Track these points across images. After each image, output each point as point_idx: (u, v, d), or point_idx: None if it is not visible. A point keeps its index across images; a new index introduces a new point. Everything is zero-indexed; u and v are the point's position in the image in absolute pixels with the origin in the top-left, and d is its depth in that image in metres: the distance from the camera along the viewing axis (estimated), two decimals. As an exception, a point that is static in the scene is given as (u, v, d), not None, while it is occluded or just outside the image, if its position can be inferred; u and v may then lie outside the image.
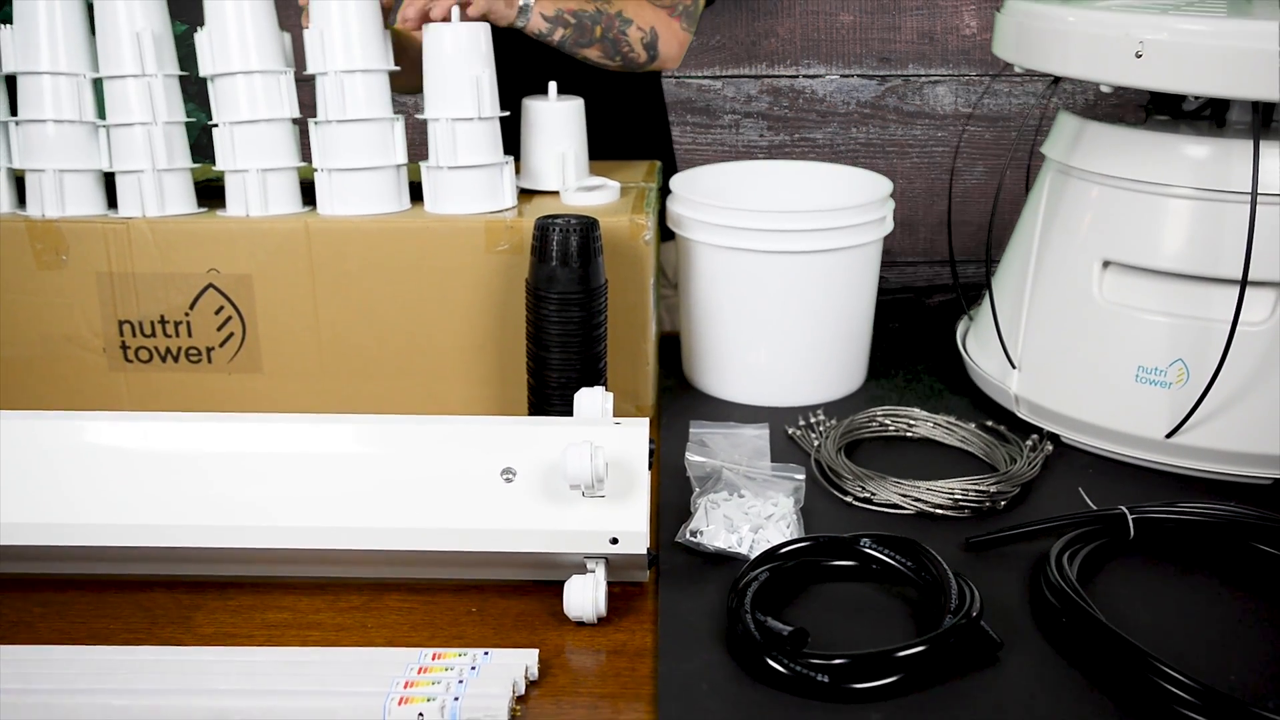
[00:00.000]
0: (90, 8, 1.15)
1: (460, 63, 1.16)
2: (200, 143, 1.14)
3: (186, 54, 1.17)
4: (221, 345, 1.19)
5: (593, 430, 0.93)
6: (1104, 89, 1.10)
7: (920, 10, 2.34)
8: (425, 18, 1.17)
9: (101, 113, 1.17)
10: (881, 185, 1.30)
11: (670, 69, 1.49)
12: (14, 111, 1.17)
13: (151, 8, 1.15)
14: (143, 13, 1.14)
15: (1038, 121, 1.24)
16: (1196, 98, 1.19)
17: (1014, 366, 1.21)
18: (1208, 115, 1.20)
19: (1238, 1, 1.15)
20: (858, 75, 2.38)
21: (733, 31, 2.35)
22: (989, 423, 1.21)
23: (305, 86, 1.18)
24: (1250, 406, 1.07)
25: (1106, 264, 1.14)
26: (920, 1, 2.34)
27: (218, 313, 1.18)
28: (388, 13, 1.20)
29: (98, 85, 1.17)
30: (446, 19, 1.16)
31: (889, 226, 1.28)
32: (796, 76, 2.37)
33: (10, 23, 1.14)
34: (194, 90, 1.13)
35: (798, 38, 2.36)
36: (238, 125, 1.16)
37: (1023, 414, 1.22)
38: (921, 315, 2.49)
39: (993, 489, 1.06)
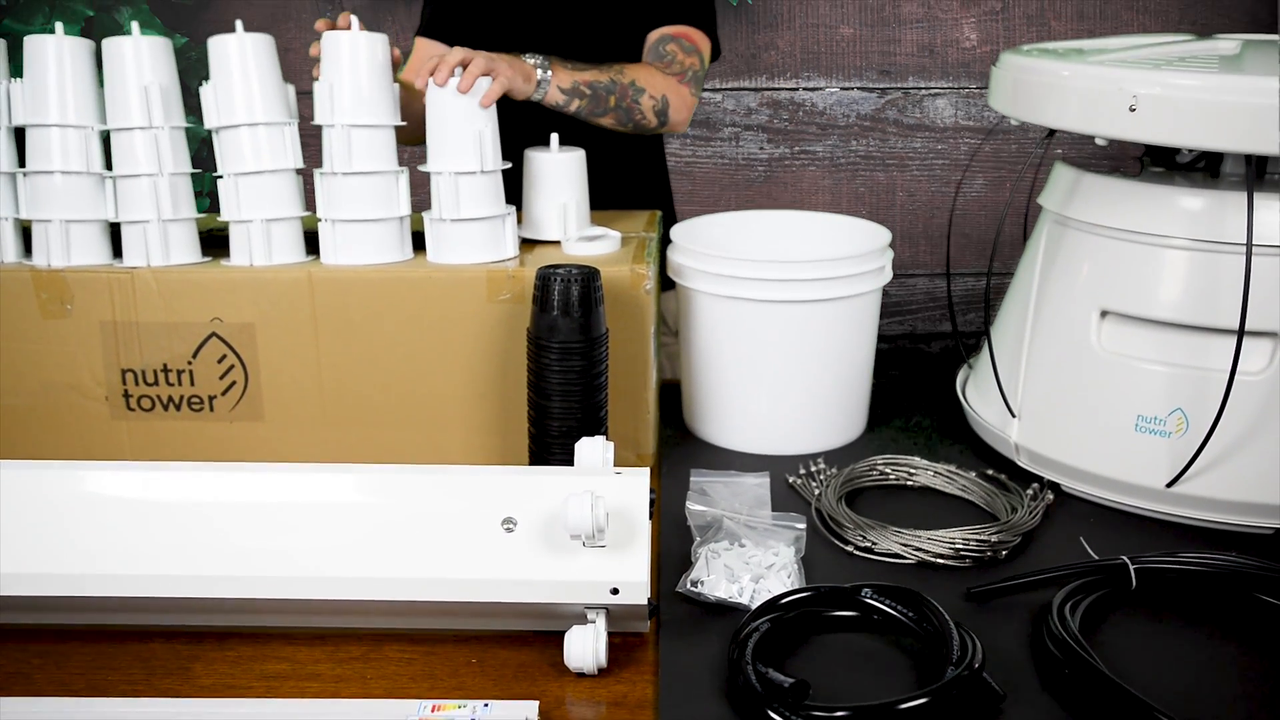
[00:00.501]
0: (99, 61, 1.17)
1: (463, 117, 1.18)
2: (200, 154, 1.15)
3: (185, 67, 1.19)
4: (224, 394, 1.19)
5: (593, 480, 0.93)
6: (1099, 142, 1.11)
7: (920, 23, 2.37)
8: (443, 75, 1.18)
9: (108, 163, 1.18)
10: (880, 235, 1.31)
11: (680, 132, 1.52)
12: (22, 163, 1.18)
13: (159, 61, 1.16)
14: (151, 66, 1.16)
15: (1034, 170, 1.25)
16: (1190, 150, 1.20)
17: (1014, 415, 1.22)
18: (1202, 167, 1.21)
19: (1228, 57, 1.17)
20: (858, 88, 2.40)
21: (733, 44, 2.37)
22: (989, 471, 1.21)
23: (308, 132, 1.20)
24: (1250, 456, 1.07)
25: (1104, 314, 1.15)
26: (920, 14, 2.37)
27: (220, 361, 1.18)
28: (395, 66, 1.22)
29: (105, 136, 1.19)
30: (469, 86, 1.18)
31: (888, 276, 1.29)
32: (796, 89, 2.40)
33: (20, 76, 1.16)
34: (194, 103, 1.15)
35: (798, 50, 2.38)
36: (242, 176, 1.18)
37: (1023, 462, 1.22)
38: (921, 363, 2.50)
39: (994, 538, 1.05)
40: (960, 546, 1.04)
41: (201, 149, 2.14)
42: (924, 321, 2.48)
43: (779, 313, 1.23)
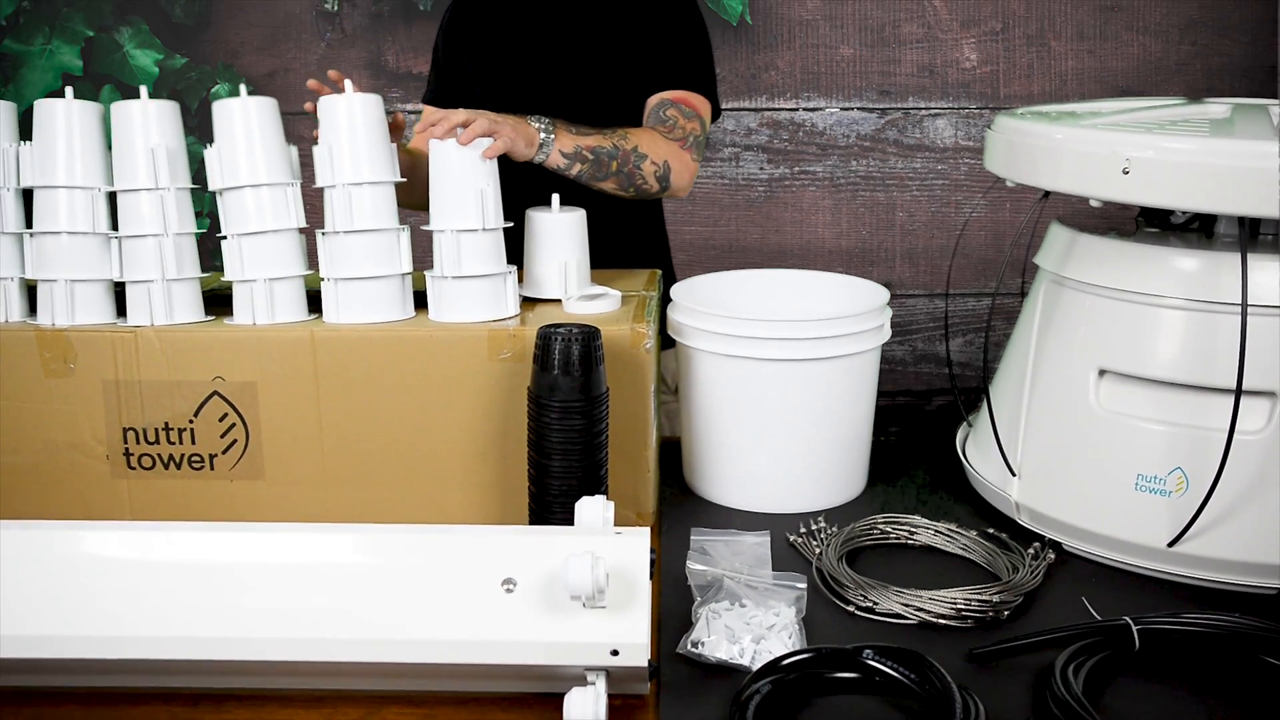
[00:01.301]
0: (107, 123, 1.19)
1: (465, 176, 1.19)
2: (200, 175, 1.17)
3: (186, 87, 1.20)
4: (224, 452, 1.19)
5: (594, 540, 0.93)
6: (1094, 204, 1.12)
7: (920, 44, 2.39)
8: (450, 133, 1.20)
9: (114, 223, 1.20)
10: (878, 294, 1.32)
11: (681, 197, 1.54)
12: (29, 223, 1.20)
13: (167, 124, 1.18)
14: (158, 129, 1.17)
15: (1030, 231, 1.27)
16: (1184, 212, 1.22)
17: (1014, 474, 1.22)
18: (1196, 228, 1.22)
19: (1219, 121, 1.19)
20: (858, 108, 2.41)
21: (733, 64, 2.39)
22: (990, 530, 1.21)
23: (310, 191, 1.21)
24: (1251, 515, 1.07)
25: (1102, 372, 1.16)
26: (920, 35, 2.39)
27: (221, 419, 1.19)
28: (398, 130, 1.24)
29: (111, 196, 1.20)
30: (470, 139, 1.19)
31: (886, 334, 1.29)
32: (796, 109, 2.41)
33: (30, 139, 1.18)
34: (194, 123, 1.17)
35: (798, 71, 2.40)
36: (245, 236, 1.19)
37: (1024, 521, 1.22)
38: (921, 419, 2.49)
39: (996, 598, 1.05)
40: (962, 607, 1.04)
41: (201, 171, 2.17)
42: (924, 341, 2.46)
43: (779, 371, 1.24)
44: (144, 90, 1.19)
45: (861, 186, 2.43)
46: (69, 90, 1.20)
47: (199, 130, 2.19)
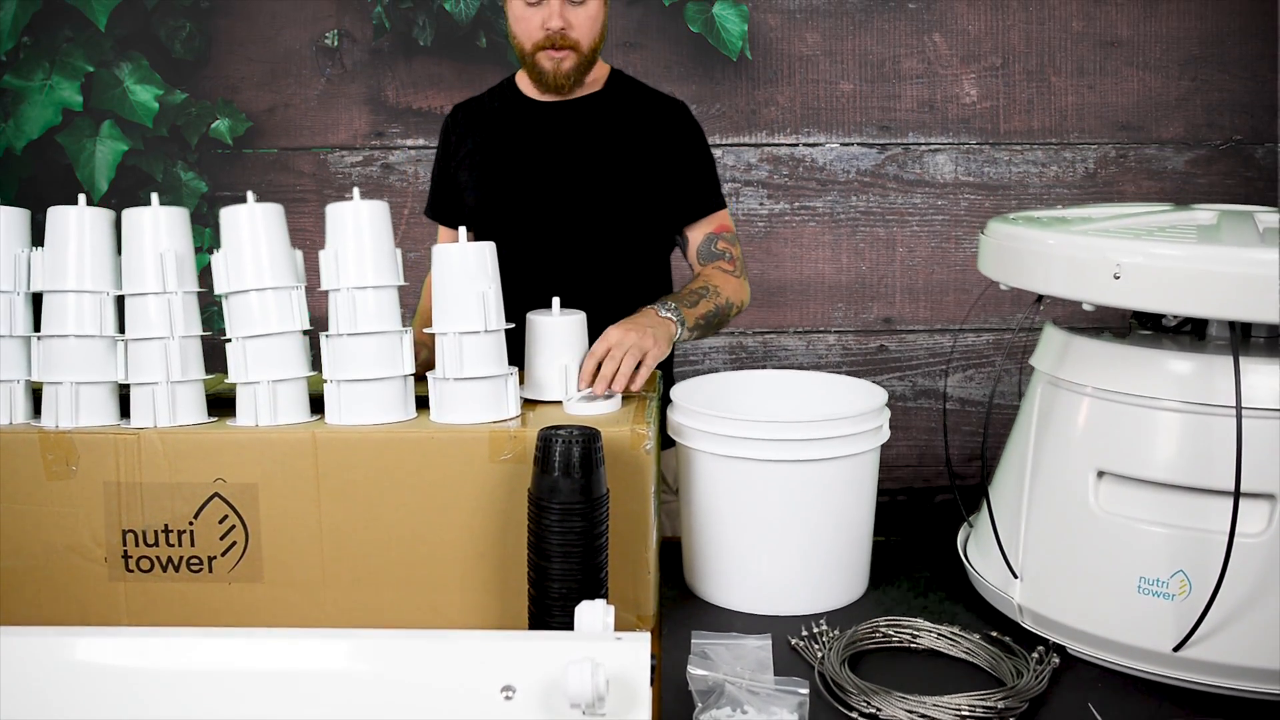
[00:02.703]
0: (118, 227, 1.22)
1: (467, 280, 1.21)
2: (201, 211, 1.18)
3: (185, 123, 1.21)
4: (223, 554, 1.19)
5: (594, 646, 0.92)
6: (1086, 307, 1.14)
7: (920, 79, 2.41)
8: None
9: (121, 326, 1.21)
10: (877, 395, 1.33)
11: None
12: (37, 326, 1.21)
13: (176, 229, 1.21)
14: (168, 234, 1.20)
15: (1025, 333, 1.28)
16: (1176, 315, 1.23)
17: (1016, 576, 1.21)
18: (1188, 330, 1.24)
19: (1206, 227, 1.21)
20: (858, 143, 2.43)
21: (733, 100, 2.41)
22: (994, 633, 1.20)
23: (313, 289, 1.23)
24: (1256, 620, 1.06)
25: (1101, 474, 1.16)
26: (920, 70, 2.41)
27: (221, 521, 1.18)
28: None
29: (119, 299, 1.22)
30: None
31: (885, 435, 1.30)
32: (796, 145, 2.43)
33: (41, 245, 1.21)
34: (194, 159, 1.19)
35: (798, 106, 2.42)
36: (250, 339, 1.20)
37: (1027, 624, 1.21)
38: (922, 514, 2.47)
39: (1000, 704, 1.04)
40: (967, 714, 1.03)
41: (202, 204, 2.19)
42: (924, 377, 2.45)
43: (778, 472, 1.24)
44: (155, 198, 1.22)
45: (862, 221, 2.44)
46: (82, 198, 1.22)
47: (198, 166, 2.21)
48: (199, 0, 2.30)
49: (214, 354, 1.24)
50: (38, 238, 1.22)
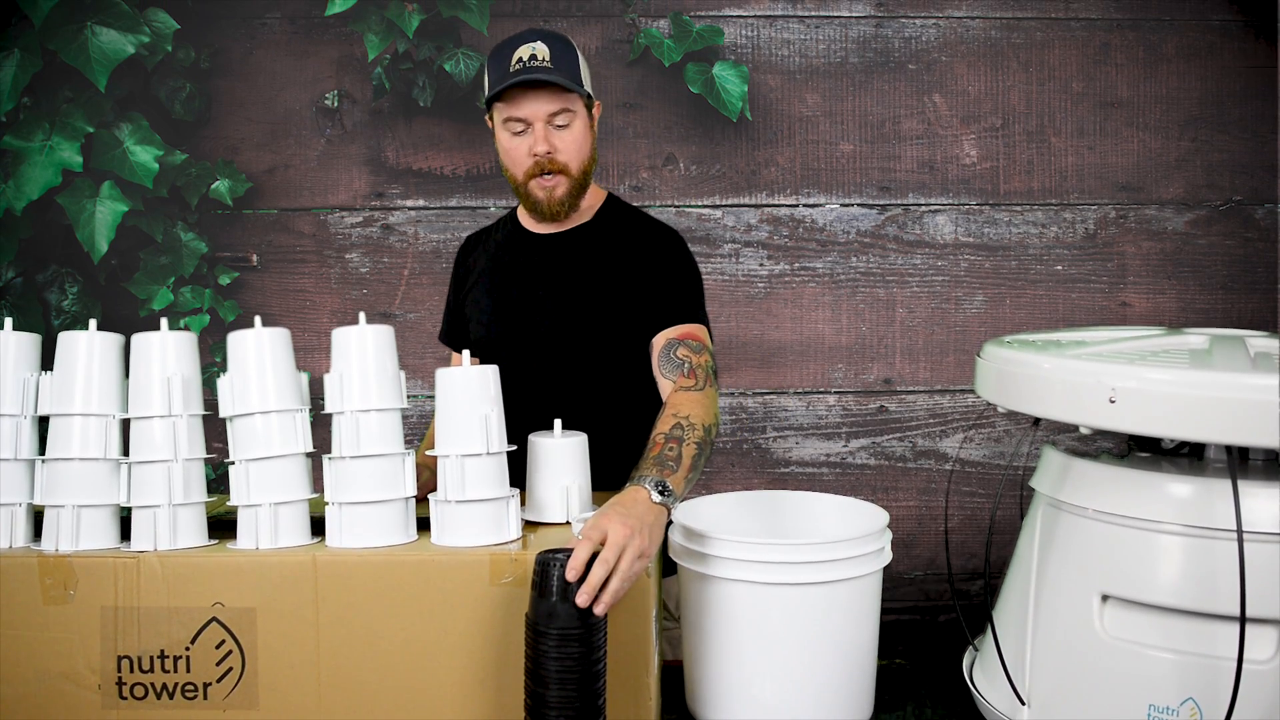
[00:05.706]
0: (126, 351, 1.22)
1: (470, 403, 1.21)
2: (200, 271, 1.17)
3: (185, 183, 1.19)
4: (219, 680, 1.18)
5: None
6: (1083, 430, 1.14)
7: (920, 140, 2.41)
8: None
9: (124, 448, 1.21)
10: (878, 517, 1.33)
11: None
12: (42, 450, 1.22)
13: (183, 354, 1.22)
14: (175, 358, 1.21)
15: (1024, 455, 1.28)
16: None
17: (1023, 703, 1.20)
18: (1186, 452, 1.23)
19: (1198, 351, 1.21)
20: (858, 204, 2.43)
21: (733, 160, 2.42)
22: (1002, 763, 1.19)
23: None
24: (1268, 749, 1.05)
25: (1105, 598, 1.15)
26: (920, 131, 2.42)
27: (218, 647, 1.18)
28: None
29: (124, 422, 1.22)
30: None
31: (887, 557, 1.29)
32: (796, 205, 2.42)
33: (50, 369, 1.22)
34: (194, 220, 1.18)
35: (798, 166, 2.42)
36: (253, 462, 1.20)
37: (1036, 753, 1.20)
38: (926, 636, 2.45)
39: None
40: None
41: (201, 265, 2.16)
42: (924, 438, 2.44)
43: (780, 595, 1.23)
44: (164, 322, 1.23)
45: (861, 282, 2.44)
46: (93, 323, 1.23)
47: (198, 227, 2.20)
48: (199, 61, 2.31)
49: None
50: (41, 309, 1.20)
